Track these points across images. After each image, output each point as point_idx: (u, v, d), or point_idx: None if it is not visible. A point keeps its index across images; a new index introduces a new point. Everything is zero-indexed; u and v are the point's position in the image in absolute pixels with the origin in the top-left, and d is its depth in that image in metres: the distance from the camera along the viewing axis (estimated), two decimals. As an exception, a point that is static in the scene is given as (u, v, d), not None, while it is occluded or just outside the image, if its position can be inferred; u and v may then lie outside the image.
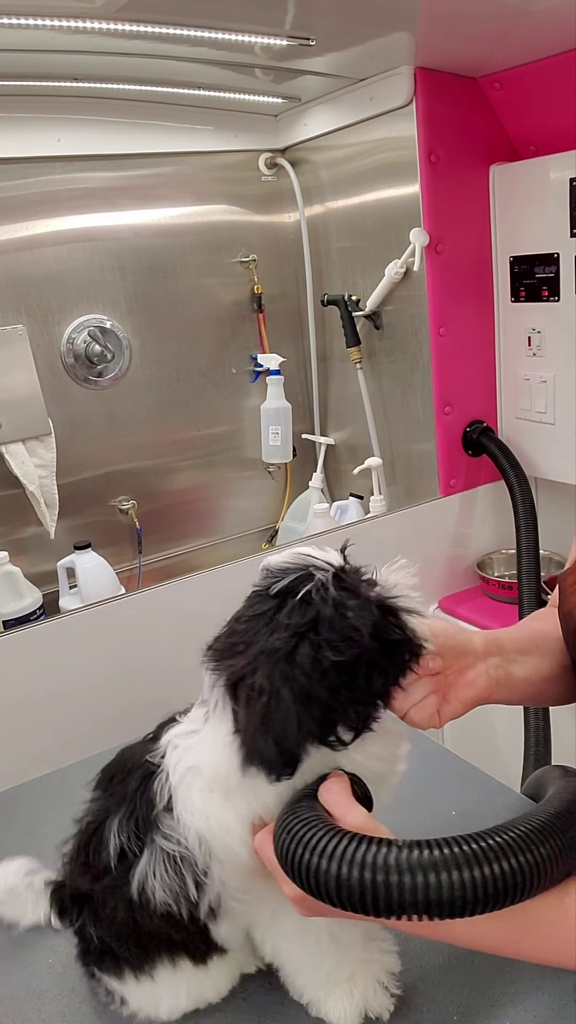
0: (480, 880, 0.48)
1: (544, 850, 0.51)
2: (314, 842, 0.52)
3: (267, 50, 1.40)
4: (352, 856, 0.50)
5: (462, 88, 1.59)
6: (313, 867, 0.51)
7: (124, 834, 0.64)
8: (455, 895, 0.48)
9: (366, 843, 0.51)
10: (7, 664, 1.30)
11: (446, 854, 0.49)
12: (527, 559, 1.65)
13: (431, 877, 0.48)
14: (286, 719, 0.56)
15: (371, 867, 0.49)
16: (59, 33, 1.23)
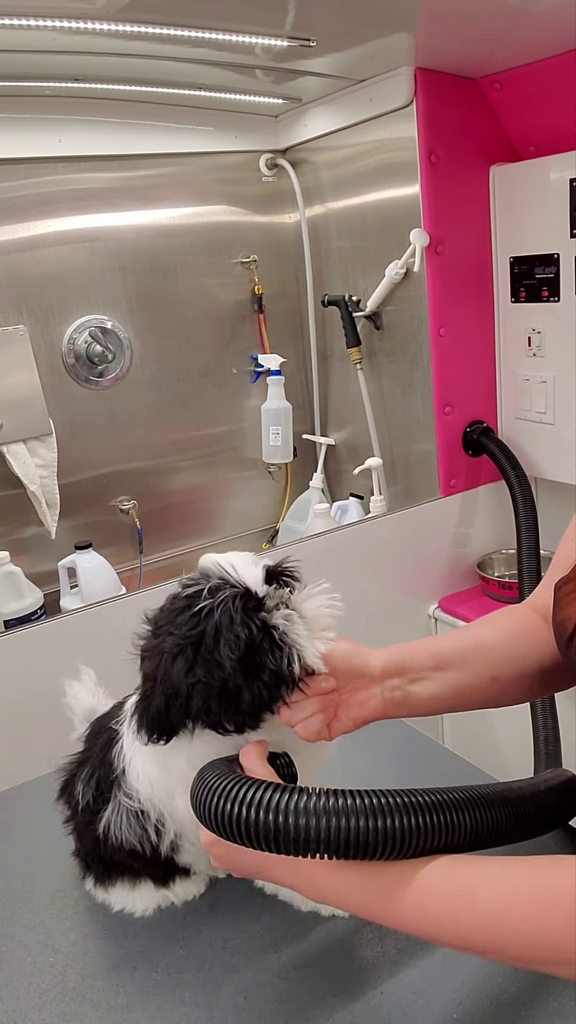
0: (349, 829, 0.56)
1: (421, 819, 0.57)
2: (217, 787, 0.59)
3: (267, 51, 1.40)
4: (245, 797, 0.57)
5: (462, 89, 1.59)
6: (211, 806, 0.59)
7: (89, 790, 0.79)
8: (331, 837, 0.55)
9: (260, 787, 0.58)
10: (8, 664, 1.30)
11: (328, 804, 0.56)
12: (527, 559, 1.65)
13: (310, 821, 0.56)
14: (159, 708, 0.67)
15: (255, 806, 0.57)
16: (60, 34, 1.23)
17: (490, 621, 0.81)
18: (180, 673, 0.65)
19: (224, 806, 0.58)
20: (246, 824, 0.57)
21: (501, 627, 0.79)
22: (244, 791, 0.58)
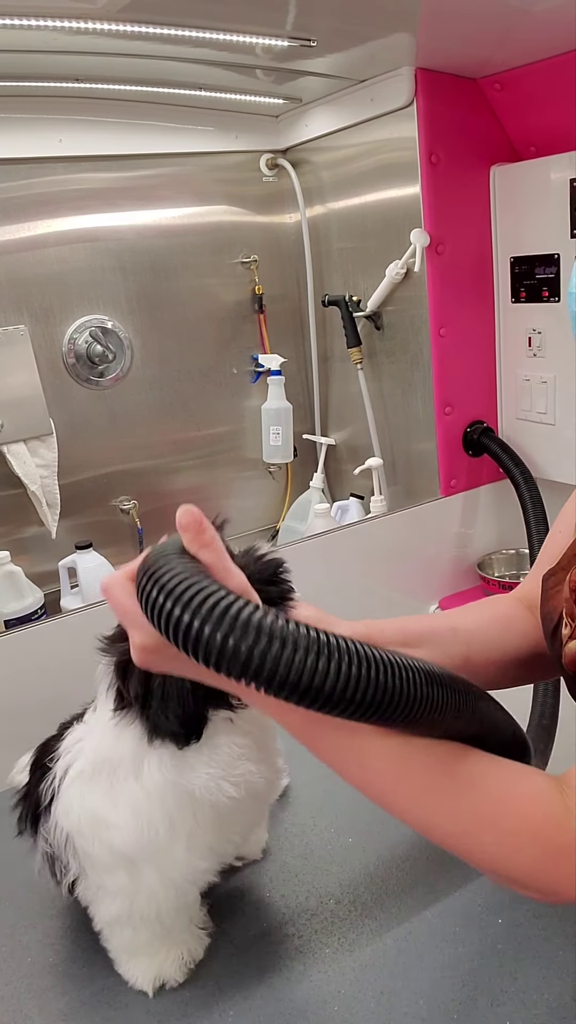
0: (314, 668, 0.47)
1: (392, 680, 0.49)
2: (178, 582, 0.49)
3: (268, 51, 1.40)
4: (206, 602, 0.48)
5: (463, 89, 1.59)
6: (186, 624, 0.48)
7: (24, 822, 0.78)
8: (301, 677, 0.47)
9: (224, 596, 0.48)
10: (8, 664, 1.30)
11: (310, 636, 0.48)
12: None
13: (294, 656, 0.47)
14: (181, 690, 0.60)
15: (214, 615, 0.47)
16: (61, 34, 1.23)
17: (470, 608, 0.82)
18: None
19: (179, 612, 0.47)
20: (193, 636, 0.47)
21: (479, 613, 0.79)
22: (205, 593, 0.48)
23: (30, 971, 0.77)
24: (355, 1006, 0.70)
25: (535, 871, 0.53)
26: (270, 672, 0.46)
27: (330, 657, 0.47)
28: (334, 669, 0.47)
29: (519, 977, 0.70)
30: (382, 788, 0.57)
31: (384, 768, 0.57)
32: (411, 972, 0.72)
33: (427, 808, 0.56)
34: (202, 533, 0.57)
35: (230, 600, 0.48)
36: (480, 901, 0.79)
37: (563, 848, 0.51)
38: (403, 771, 0.57)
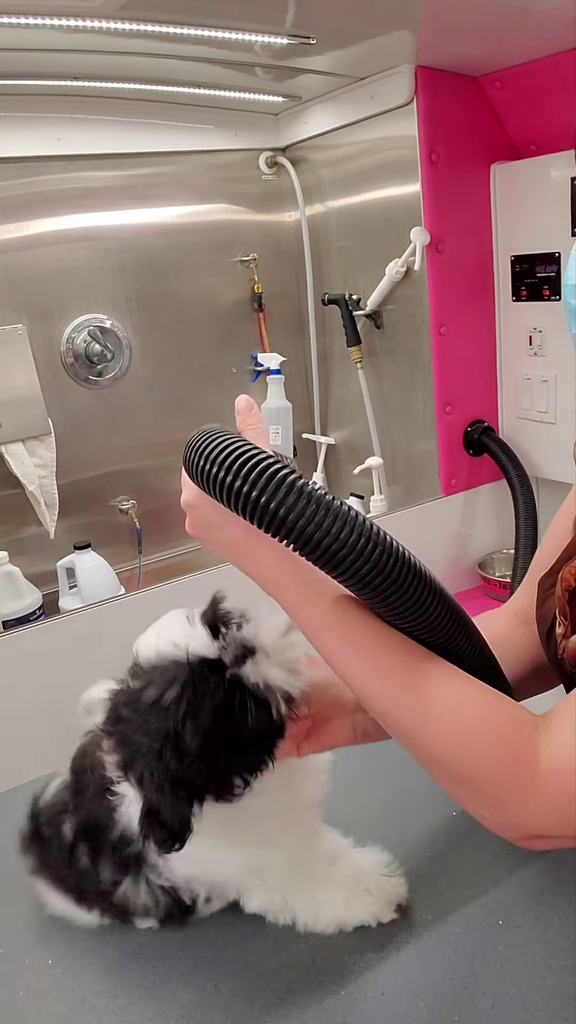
0: (338, 535, 0.51)
1: (408, 573, 0.53)
2: (223, 443, 0.55)
3: (267, 49, 1.39)
4: (249, 460, 0.52)
5: (463, 87, 1.58)
6: (208, 457, 0.54)
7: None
8: (318, 536, 0.51)
9: (269, 459, 0.53)
10: (7, 664, 1.30)
11: (335, 505, 0.52)
12: (524, 558, 1.65)
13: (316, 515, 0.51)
14: (171, 810, 0.62)
15: (255, 470, 0.52)
16: (59, 32, 1.23)
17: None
18: (173, 762, 0.61)
19: (209, 462, 0.53)
20: (225, 485, 0.52)
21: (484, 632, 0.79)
22: (237, 451, 0.53)
23: (28, 973, 0.77)
24: (355, 1007, 0.69)
25: (488, 770, 0.52)
26: (280, 519, 0.51)
27: (337, 515, 0.51)
28: (337, 527, 0.51)
29: (520, 979, 0.70)
30: (354, 658, 0.58)
31: (363, 640, 0.57)
32: (411, 974, 0.72)
33: (393, 683, 0.56)
34: (250, 416, 0.65)
35: (245, 450, 0.53)
36: (481, 903, 0.79)
37: (521, 754, 0.51)
38: (382, 645, 0.57)
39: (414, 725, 0.55)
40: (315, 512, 0.51)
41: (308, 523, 0.51)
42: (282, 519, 0.51)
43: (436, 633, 0.57)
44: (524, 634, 0.76)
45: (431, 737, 0.54)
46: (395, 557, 0.53)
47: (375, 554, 0.52)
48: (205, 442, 0.55)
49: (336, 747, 0.74)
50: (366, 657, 0.57)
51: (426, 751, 0.55)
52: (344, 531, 0.51)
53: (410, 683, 0.55)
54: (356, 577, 0.52)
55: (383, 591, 0.53)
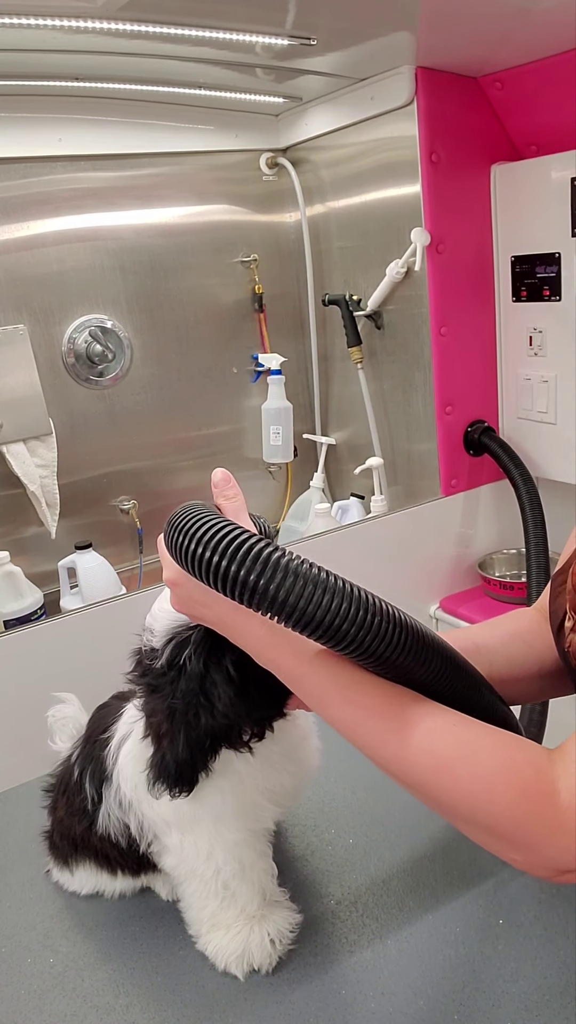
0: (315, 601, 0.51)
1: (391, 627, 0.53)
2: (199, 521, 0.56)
3: (268, 50, 1.40)
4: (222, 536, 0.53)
5: (463, 88, 1.59)
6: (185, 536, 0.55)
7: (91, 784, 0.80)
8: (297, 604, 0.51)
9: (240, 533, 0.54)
10: (8, 664, 1.30)
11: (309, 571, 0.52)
12: (536, 554, 1.65)
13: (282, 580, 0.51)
14: (182, 759, 0.65)
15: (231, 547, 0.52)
16: (60, 33, 1.23)
17: (492, 623, 0.81)
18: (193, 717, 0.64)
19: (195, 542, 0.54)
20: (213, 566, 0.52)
21: (502, 629, 0.79)
22: (222, 531, 0.53)
23: (30, 972, 0.77)
24: (355, 1007, 0.69)
25: (511, 815, 0.52)
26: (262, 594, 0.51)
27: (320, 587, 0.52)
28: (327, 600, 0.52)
29: (520, 979, 0.70)
30: (367, 723, 0.58)
31: (371, 701, 0.57)
32: (411, 973, 0.72)
33: (405, 739, 0.56)
34: (227, 488, 0.66)
35: (231, 530, 0.53)
36: (481, 903, 0.79)
37: (542, 794, 0.51)
38: (389, 704, 0.57)
39: (431, 783, 0.55)
40: (304, 588, 0.51)
41: (299, 599, 0.51)
42: (274, 598, 0.51)
43: (440, 683, 0.58)
44: (547, 631, 0.77)
45: (450, 792, 0.54)
46: (391, 622, 0.54)
47: (375, 623, 0.53)
48: (188, 522, 0.56)
49: None
50: (377, 720, 0.57)
51: (448, 805, 0.55)
52: (335, 602, 0.52)
53: (424, 741, 0.55)
54: (359, 647, 0.53)
55: (384, 656, 0.54)
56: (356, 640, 0.52)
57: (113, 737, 0.79)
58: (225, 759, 0.69)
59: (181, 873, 0.76)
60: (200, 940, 0.76)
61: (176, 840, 0.74)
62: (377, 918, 0.79)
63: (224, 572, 0.52)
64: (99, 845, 0.80)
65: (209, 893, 0.75)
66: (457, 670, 0.60)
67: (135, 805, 0.76)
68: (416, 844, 0.88)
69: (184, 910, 0.78)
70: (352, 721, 0.58)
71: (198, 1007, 0.71)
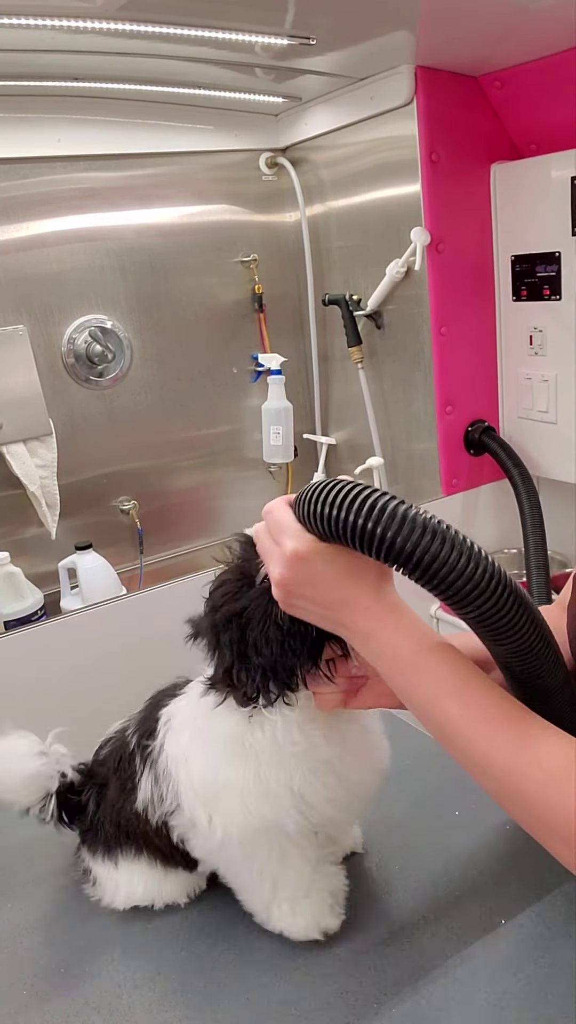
0: (452, 562, 0.52)
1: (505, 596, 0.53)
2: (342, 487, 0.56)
3: (268, 49, 1.39)
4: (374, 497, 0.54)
5: (463, 87, 1.58)
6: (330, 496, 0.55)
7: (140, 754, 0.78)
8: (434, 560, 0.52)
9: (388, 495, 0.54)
10: (8, 665, 1.30)
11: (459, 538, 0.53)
12: (536, 554, 1.64)
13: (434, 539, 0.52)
14: (257, 644, 0.64)
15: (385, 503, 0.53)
16: (59, 33, 1.23)
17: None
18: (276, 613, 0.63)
19: (346, 499, 0.54)
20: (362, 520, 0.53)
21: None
22: (374, 495, 0.54)
23: (31, 973, 0.77)
24: (356, 1007, 0.69)
25: None
26: (408, 553, 0.52)
27: (469, 554, 0.53)
28: (472, 565, 0.52)
29: (522, 978, 0.70)
30: (478, 723, 0.57)
31: (491, 703, 0.57)
32: (413, 973, 0.72)
33: (520, 748, 0.55)
34: None
35: (378, 495, 0.54)
36: (482, 903, 0.79)
37: None
38: (510, 712, 0.57)
39: (537, 796, 0.54)
40: (442, 547, 0.52)
41: (436, 559, 0.52)
42: (410, 554, 0.53)
43: (531, 660, 0.58)
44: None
45: (555, 807, 0.53)
46: (509, 590, 0.54)
47: (491, 585, 0.53)
48: (344, 490, 0.55)
49: (381, 707, 0.74)
50: (494, 724, 0.56)
51: (549, 822, 0.54)
52: (470, 567, 0.52)
53: (538, 754, 0.55)
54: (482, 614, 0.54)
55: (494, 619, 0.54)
56: (482, 607, 0.53)
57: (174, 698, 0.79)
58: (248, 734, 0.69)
59: (217, 861, 0.76)
60: (268, 922, 0.77)
61: (204, 818, 0.73)
62: (378, 918, 0.79)
63: (371, 532, 0.53)
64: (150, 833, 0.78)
65: (254, 879, 0.76)
66: (551, 650, 0.59)
67: (173, 770, 0.74)
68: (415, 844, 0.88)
69: (238, 895, 0.79)
70: (465, 719, 0.57)
71: (200, 1009, 0.71)
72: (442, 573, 0.53)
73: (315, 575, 0.60)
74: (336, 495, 0.55)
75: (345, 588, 0.60)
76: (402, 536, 0.52)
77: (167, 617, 0.77)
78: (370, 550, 0.54)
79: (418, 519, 0.53)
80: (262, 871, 0.75)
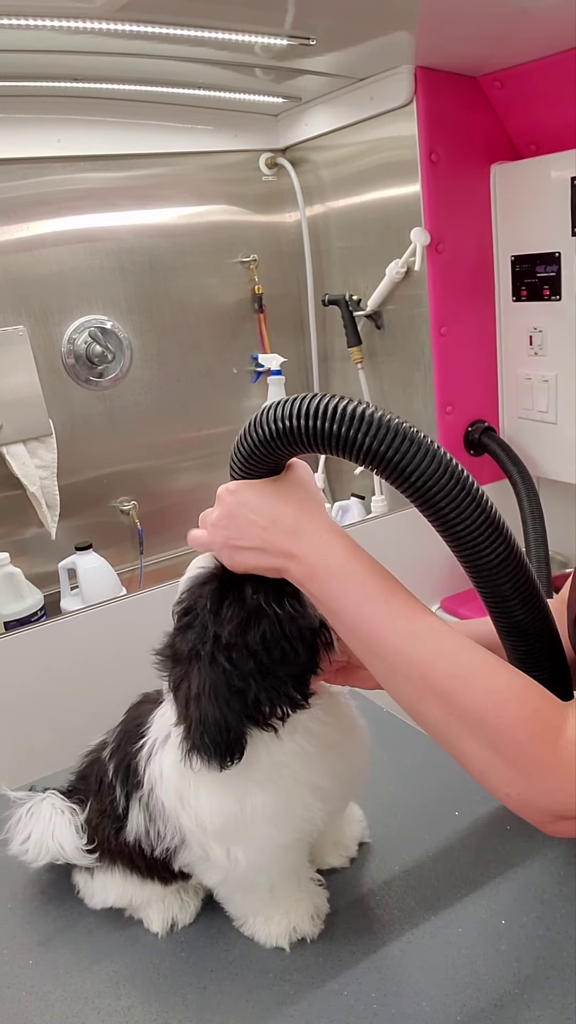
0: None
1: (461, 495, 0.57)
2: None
3: (267, 50, 1.39)
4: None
5: (462, 87, 1.58)
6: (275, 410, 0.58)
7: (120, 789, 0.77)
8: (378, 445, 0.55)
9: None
10: (8, 665, 1.30)
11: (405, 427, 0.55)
12: (537, 553, 1.64)
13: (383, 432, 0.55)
14: (218, 722, 0.62)
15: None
16: (59, 33, 1.23)
17: None
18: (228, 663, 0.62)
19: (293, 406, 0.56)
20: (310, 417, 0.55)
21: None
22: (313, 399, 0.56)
23: (31, 973, 0.77)
24: (357, 1007, 0.69)
25: (516, 734, 0.52)
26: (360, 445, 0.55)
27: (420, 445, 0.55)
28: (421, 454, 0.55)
29: (521, 979, 0.70)
30: (398, 618, 0.59)
31: (412, 603, 0.59)
32: (413, 973, 0.72)
33: (435, 642, 0.57)
34: None
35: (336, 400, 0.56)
36: (483, 903, 0.79)
37: (551, 725, 0.52)
38: (425, 611, 0.59)
39: (446, 687, 0.56)
40: (399, 441, 0.55)
41: (392, 450, 0.55)
42: (375, 451, 0.55)
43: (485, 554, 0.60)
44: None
45: (460, 698, 0.55)
46: (472, 497, 0.58)
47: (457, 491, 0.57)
48: (287, 403, 0.57)
49: (358, 687, 0.76)
50: (410, 619, 0.58)
51: (456, 713, 0.55)
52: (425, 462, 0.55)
53: (453, 648, 0.57)
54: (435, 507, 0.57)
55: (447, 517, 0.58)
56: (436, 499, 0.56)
57: (146, 743, 0.76)
58: (267, 754, 0.67)
59: (228, 887, 0.76)
60: (245, 926, 0.78)
61: (220, 853, 0.70)
62: (378, 919, 0.79)
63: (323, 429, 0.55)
64: (130, 852, 0.78)
65: (255, 898, 0.76)
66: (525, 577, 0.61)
67: (173, 816, 0.72)
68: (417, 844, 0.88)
69: (224, 904, 0.79)
70: (386, 618, 0.59)
71: (200, 1009, 0.71)
72: (395, 461, 0.55)
73: (242, 504, 0.63)
74: (272, 412, 0.58)
75: (274, 508, 0.62)
76: (359, 432, 0.55)
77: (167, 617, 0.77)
78: (303, 440, 0.56)
79: (358, 411, 0.55)
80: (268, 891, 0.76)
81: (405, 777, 0.98)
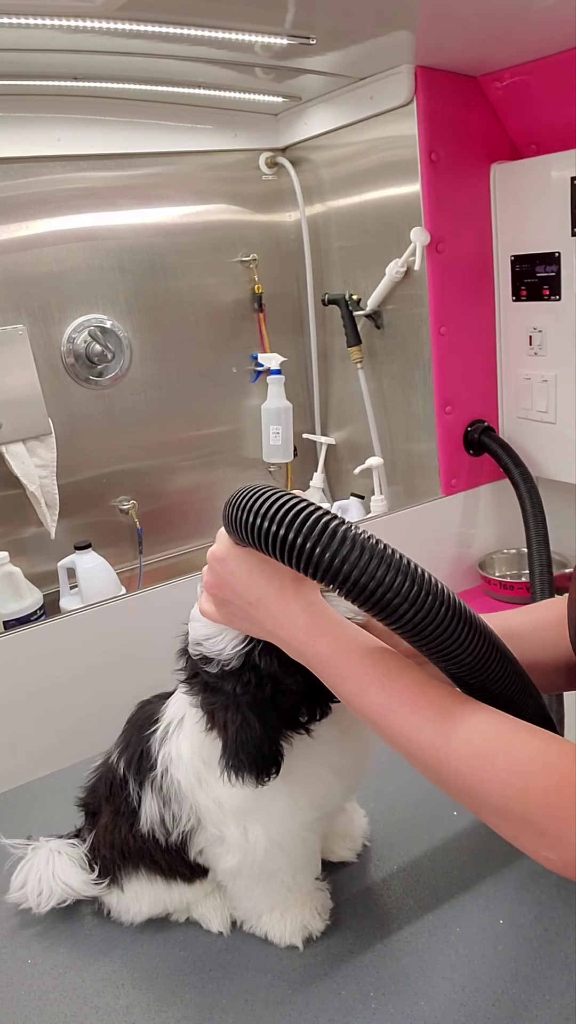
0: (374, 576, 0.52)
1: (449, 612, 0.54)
2: (260, 493, 0.58)
3: (267, 49, 1.39)
4: (281, 504, 0.55)
5: (463, 86, 1.58)
6: (246, 502, 0.57)
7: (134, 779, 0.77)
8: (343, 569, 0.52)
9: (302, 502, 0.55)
10: (8, 665, 1.30)
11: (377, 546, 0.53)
12: (538, 553, 1.64)
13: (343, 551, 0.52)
14: (256, 737, 0.64)
15: (289, 512, 0.54)
16: (59, 32, 1.23)
17: (526, 609, 0.81)
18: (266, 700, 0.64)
19: (254, 514, 0.56)
20: (270, 530, 0.54)
21: (537, 615, 0.79)
22: (282, 501, 0.55)
23: (30, 973, 0.77)
24: (355, 1006, 0.69)
25: (546, 804, 0.51)
26: (336, 570, 0.52)
27: (388, 564, 0.53)
28: (391, 576, 0.52)
29: (520, 979, 0.70)
30: (401, 709, 0.57)
31: (412, 690, 0.57)
32: (411, 973, 0.72)
33: (446, 729, 0.55)
34: None
35: (292, 501, 0.55)
36: (481, 903, 0.79)
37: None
38: (426, 695, 0.57)
39: (467, 773, 0.54)
40: (369, 562, 0.52)
41: (362, 573, 0.52)
42: (337, 570, 0.52)
43: (483, 673, 0.58)
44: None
45: (485, 782, 0.53)
46: (447, 606, 0.54)
47: (427, 602, 0.53)
48: (254, 497, 0.57)
49: None
50: (417, 708, 0.57)
51: (482, 796, 0.54)
52: (398, 580, 0.52)
53: (464, 732, 0.55)
54: (410, 625, 0.54)
55: (433, 637, 0.55)
56: (407, 618, 0.53)
57: (159, 728, 0.78)
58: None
59: (248, 877, 0.76)
60: (259, 923, 0.79)
61: (237, 833, 0.72)
62: (377, 919, 0.79)
63: (282, 539, 0.53)
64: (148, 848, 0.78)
65: (272, 890, 0.76)
66: (505, 663, 0.59)
67: (189, 795, 0.73)
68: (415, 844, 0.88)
69: (235, 900, 0.79)
70: (389, 708, 0.57)
71: (198, 1008, 0.71)
72: (355, 577, 0.52)
73: (231, 575, 0.63)
74: (246, 500, 0.57)
75: (259, 587, 0.61)
76: (312, 540, 0.52)
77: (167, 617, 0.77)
78: (273, 552, 0.55)
79: (330, 526, 0.53)
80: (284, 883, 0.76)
81: (404, 777, 0.98)
